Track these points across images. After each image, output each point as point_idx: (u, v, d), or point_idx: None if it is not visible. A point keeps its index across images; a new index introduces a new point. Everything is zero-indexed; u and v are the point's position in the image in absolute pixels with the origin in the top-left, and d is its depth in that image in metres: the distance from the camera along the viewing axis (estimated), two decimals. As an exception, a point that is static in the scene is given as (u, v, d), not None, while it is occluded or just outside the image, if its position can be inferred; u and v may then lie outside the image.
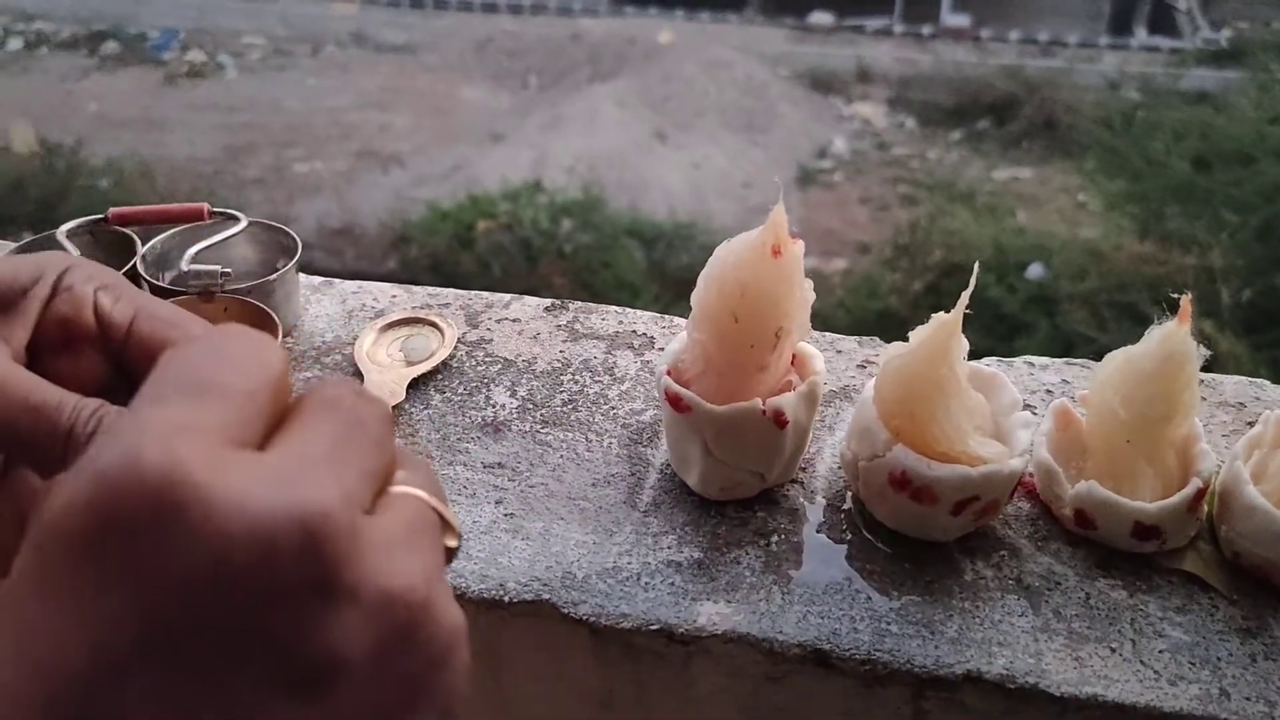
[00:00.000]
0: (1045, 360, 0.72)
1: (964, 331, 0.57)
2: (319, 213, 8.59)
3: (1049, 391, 0.70)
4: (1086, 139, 7.84)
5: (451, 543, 0.29)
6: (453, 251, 7.62)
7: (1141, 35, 10.86)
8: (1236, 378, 0.69)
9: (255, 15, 11.83)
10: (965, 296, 0.55)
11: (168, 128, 9.59)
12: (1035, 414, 0.67)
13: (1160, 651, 0.54)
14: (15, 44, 11.11)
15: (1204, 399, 0.69)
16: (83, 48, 11.09)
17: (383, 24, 11.85)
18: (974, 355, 0.76)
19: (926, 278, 6.68)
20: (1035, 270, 6.68)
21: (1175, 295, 0.54)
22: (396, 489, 0.27)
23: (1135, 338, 0.56)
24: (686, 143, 9.33)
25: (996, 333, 6.02)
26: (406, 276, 7.53)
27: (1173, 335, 0.54)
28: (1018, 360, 0.72)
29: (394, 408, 0.68)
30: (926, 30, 11.16)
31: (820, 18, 11.30)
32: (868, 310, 6.49)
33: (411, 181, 8.95)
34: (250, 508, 0.23)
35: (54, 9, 11.61)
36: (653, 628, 0.56)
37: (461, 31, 11.68)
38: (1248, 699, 0.51)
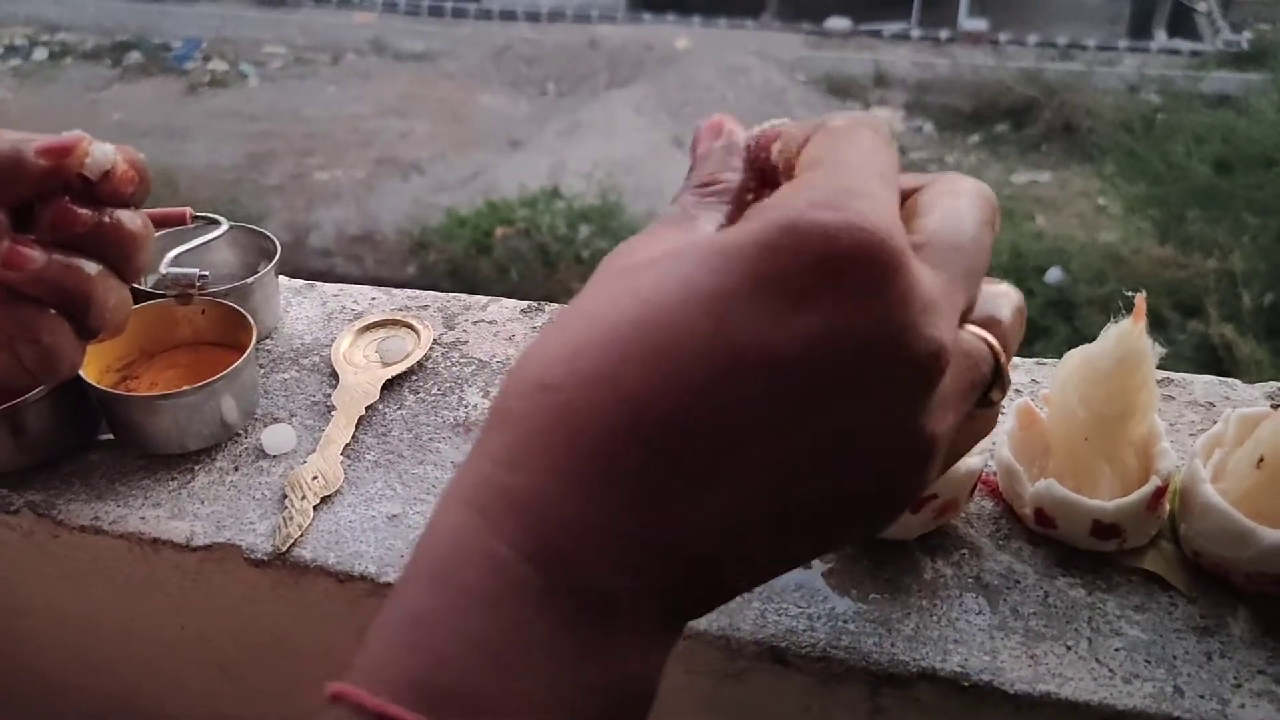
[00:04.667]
0: (1015, 360, 0.72)
1: None
2: (339, 219, 8.66)
3: (1018, 391, 0.70)
4: (1106, 142, 7.80)
5: (996, 396, 0.34)
6: (471, 258, 7.67)
7: (1161, 38, 10.79)
8: (1206, 377, 0.69)
9: (276, 25, 11.95)
10: None
11: (190, 136, 9.70)
12: (1002, 413, 0.67)
13: (1116, 649, 0.54)
14: (40, 54, 11.26)
15: (1173, 398, 0.69)
16: (106, 58, 11.23)
17: (402, 32, 11.94)
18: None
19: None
20: (1054, 274, 6.65)
21: (1130, 294, 0.54)
22: (970, 330, 0.33)
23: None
24: (704, 148, 9.32)
25: (1015, 337, 5.98)
26: (426, 282, 7.57)
27: (1128, 334, 0.54)
28: (988, 360, 0.72)
29: (368, 408, 0.69)
30: (944, 34, 11.13)
31: (837, 23, 11.29)
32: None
33: (430, 188, 9.01)
34: (928, 298, 0.28)
35: (78, 20, 11.77)
36: (612, 625, 0.57)
37: (480, 39, 11.75)
38: (1201, 696, 0.51)
